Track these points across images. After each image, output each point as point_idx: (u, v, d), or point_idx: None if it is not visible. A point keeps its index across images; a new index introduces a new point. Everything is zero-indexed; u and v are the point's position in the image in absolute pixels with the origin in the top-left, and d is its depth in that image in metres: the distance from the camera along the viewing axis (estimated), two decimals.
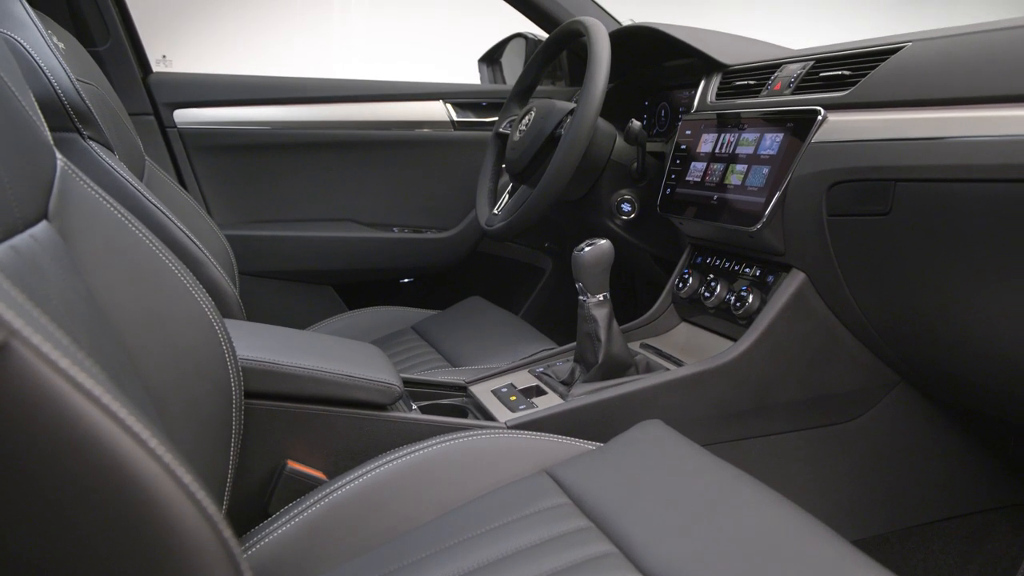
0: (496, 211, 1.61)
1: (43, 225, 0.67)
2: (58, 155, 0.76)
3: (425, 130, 2.01)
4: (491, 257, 2.10)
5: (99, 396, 0.36)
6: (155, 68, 1.89)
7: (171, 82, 1.88)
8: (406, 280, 2.16)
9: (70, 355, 0.36)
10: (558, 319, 1.99)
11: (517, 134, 1.53)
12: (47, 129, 0.77)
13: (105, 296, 0.74)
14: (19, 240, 0.60)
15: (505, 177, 1.65)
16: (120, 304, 0.76)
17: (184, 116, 1.87)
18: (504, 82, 2.24)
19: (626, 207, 1.52)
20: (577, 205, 1.59)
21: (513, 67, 2.20)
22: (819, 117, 1.07)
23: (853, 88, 1.06)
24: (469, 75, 2.37)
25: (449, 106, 2.01)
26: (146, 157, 1.50)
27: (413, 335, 1.63)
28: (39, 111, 0.78)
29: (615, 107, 1.54)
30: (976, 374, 1.03)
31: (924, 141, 0.91)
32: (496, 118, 1.72)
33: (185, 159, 1.87)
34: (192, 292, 0.84)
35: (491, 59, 2.31)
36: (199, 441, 0.82)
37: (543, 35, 1.93)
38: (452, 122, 2.01)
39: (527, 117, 1.53)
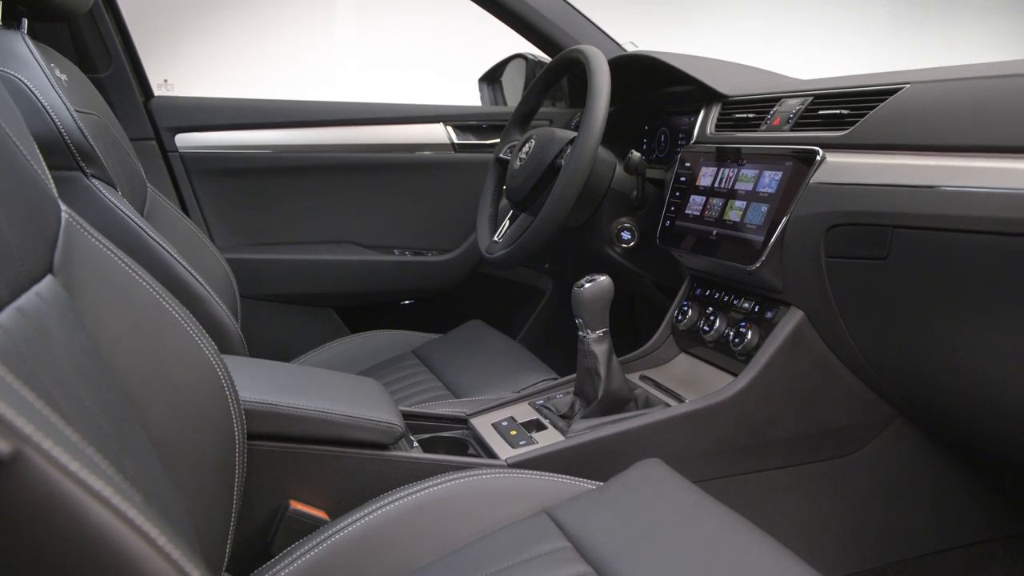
0: (496, 238, 1.62)
1: (48, 280, 0.68)
2: (62, 206, 0.77)
3: (426, 152, 2.02)
4: (491, 279, 2.11)
5: (108, 497, 0.37)
6: (157, 92, 1.90)
7: (172, 106, 1.89)
8: (407, 302, 2.16)
9: (80, 457, 0.37)
10: (558, 341, 1.99)
11: (517, 162, 1.54)
12: (51, 181, 0.77)
13: (110, 346, 0.75)
14: (25, 300, 0.61)
15: (506, 202, 1.66)
16: (124, 354, 0.77)
17: (186, 140, 1.88)
18: (504, 102, 2.25)
19: (626, 235, 1.52)
20: (577, 232, 1.59)
21: (513, 86, 2.21)
22: (818, 158, 1.08)
23: (851, 129, 1.07)
24: (467, 77, 2.38)
25: (449, 128, 2.02)
26: (148, 184, 1.51)
27: (414, 360, 1.64)
28: (42, 160, 0.78)
29: (614, 131, 1.55)
30: (972, 414, 1.04)
31: (919, 189, 0.92)
32: (496, 140, 1.72)
33: (187, 183, 1.88)
34: (195, 338, 0.85)
35: (491, 78, 2.32)
36: (203, 485, 0.83)
37: (543, 55, 1.94)
38: (452, 144, 2.02)
39: (527, 145, 1.53)
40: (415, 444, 1.10)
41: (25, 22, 1.24)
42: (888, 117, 1.03)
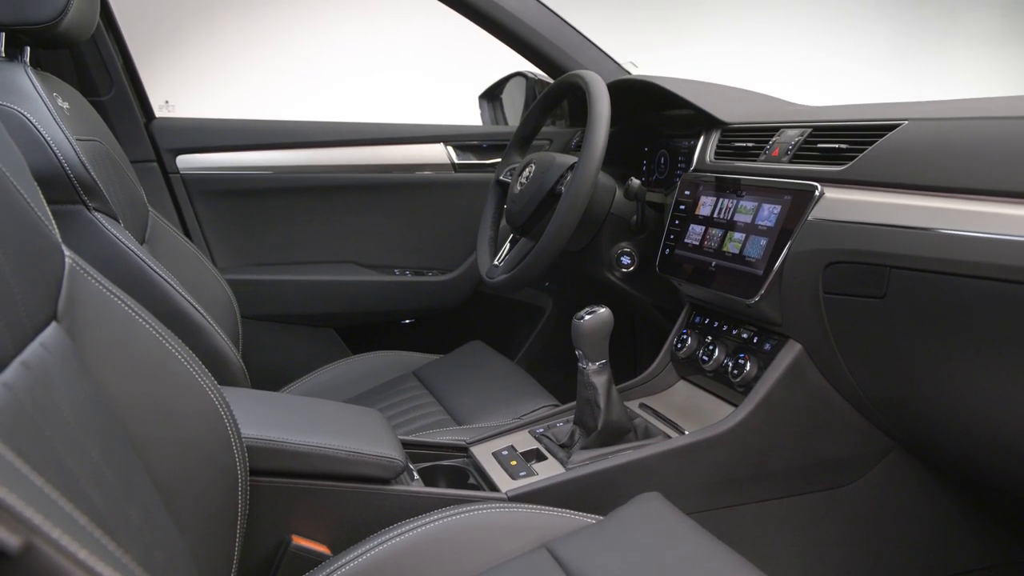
0: (497, 262, 1.62)
1: (52, 328, 0.68)
2: (66, 252, 0.77)
3: (426, 172, 2.02)
4: (492, 298, 2.11)
5: None
6: (158, 114, 1.91)
7: (174, 128, 1.90)
8: (407, 321, 2.17)
9: (88, 543, 0.38)
10: (558, 360, 2.00)
11: (518, 186, 1.54)
12: (54, 225, 0.78)
13: (113, 391, 0.76)
14: (29, 353, 0.62)
15: (506, 224, 1.66)
16: (128, 398, 0.78)
17: (187, 161, 1.89)
18: (504, 119, 2.26)
19: (626, 260, 1.53)
20: (577, 256, 1.60)
21: (514, 103, 2.22)
22: (816, 193, 1.09)
23: (849, 164, 1.08)
24: (465, 82, 2.38)
25: (450, 148, 2.02)
26: (149, 207, 1.51)
27: (415, 382, 1.64)
28: (44, 203, 0.79)
29: (613, 153, 1.55)
30: (969, 449, 1.04)
31: (916, 231, 0.92)
32: (497, 160, 1.73)
33: (188, 205, 1.89)
34: (197, 378, 0.85)
35: (491, 96, 2.33)
36: (206, 525, 0.83)
37: (543, 74, 1.95)
38: (452, 164, 2.02)
39: (528, 169, 1.54)
40: (416, 476, 1.11)
41: (28, 50, 1.25)
42: (886, 154, 1.03)
